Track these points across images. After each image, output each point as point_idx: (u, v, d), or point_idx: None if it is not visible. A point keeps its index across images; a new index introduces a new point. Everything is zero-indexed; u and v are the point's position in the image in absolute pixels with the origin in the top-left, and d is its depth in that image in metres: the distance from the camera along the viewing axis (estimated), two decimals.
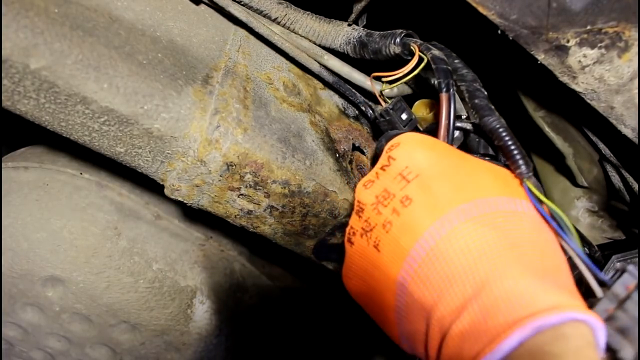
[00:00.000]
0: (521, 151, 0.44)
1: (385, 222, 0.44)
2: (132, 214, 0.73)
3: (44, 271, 0.69)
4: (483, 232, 0.39)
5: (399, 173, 0.46)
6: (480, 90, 0.51)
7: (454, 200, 0.41)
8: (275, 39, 0.63)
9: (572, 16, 0.45)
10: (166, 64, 0.52)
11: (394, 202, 0.44)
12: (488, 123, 0.47)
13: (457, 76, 0.53)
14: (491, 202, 0.41)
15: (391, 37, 0.59)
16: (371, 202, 0.47)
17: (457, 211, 0.40)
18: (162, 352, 0.79)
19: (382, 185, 0.47)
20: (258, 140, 0.53)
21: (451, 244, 0.39)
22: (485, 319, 0.35)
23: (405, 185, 0.44)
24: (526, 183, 0.43)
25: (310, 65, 0.66)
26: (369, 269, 0.47)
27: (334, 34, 0.65)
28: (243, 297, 0.83)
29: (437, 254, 0.39)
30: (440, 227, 0.40)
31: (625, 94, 0.48)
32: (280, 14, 0.63)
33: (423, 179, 0.44)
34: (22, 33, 0.43)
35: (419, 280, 0.40)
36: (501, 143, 0.45)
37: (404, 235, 0.42)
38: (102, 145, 0.51)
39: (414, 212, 0.42)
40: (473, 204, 0.40)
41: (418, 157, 0.46)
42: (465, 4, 0.46)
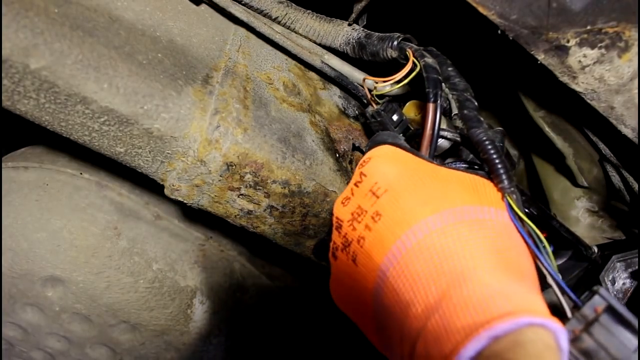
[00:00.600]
0: (505, 165, 0.45)
1: (359, 237, 0.47)
2: (132, 214, 0.73)
3: (44, 271, 0.68)
4: (446, 242, 0.40)
5: (369, 189, 0.48)
6: (471, 100, 0.51)
7: (420, 213, 0.42)
8: (277, 37, 0.63)
9: (572, 16, 0.44)
10: (166, 64, 0.52)
11: (366, 218, 0.46)
12: (475, 135, 0.47)
13: (449, 85, 0.53)
14: (457, 212, 0.42)
15: (389, 41, 0.59)
16: (347, 219, 0.49)
17: (423, 223, 0.42)
18: (162, 352, 0.79)
19: (356, 202, 0.49)
20: (258, 140, 0.53)
21: (416, 255, 0.41)
22: (447, 325, 0.36)
23: (375, 201, 0.46)
24: (507, 199, 0.44)
25: (313, 61, 0.66)
26: (350, 281, 0.49)
27: (334, 34, 0.65)
28: (243, 297, 0.83)
29: (403, 265, 0.41)
30: (407, 240, 0.42)
31: (625, 94, 0.48)
32: (281, 14, 0.63)
33: (391, 194, 0.45)
34: (22, 33, 0.43)
35: (389, 291, 0.42)
36: (486, 156, 0.46)
37: (375, 249, 0.44)
38: (102, 145, 0.51)
39: (383, 226, 0.44)
40: (439, 215, 0.42)
41: (387, 171, 0.48)
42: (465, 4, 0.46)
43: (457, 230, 0.41)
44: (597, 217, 0.73)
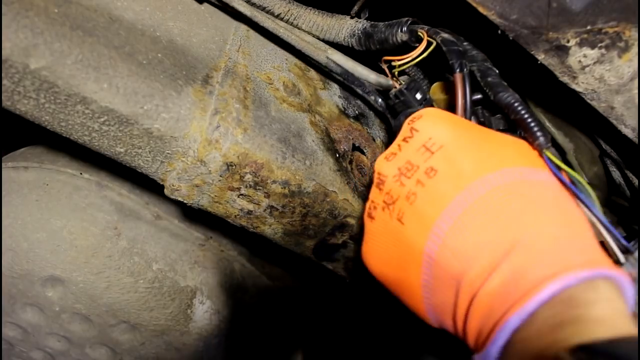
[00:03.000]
0: (538, 123, 0.44)
1: (409, 193, 0.44)
2: (132, 214, 0.73)
3: (44, 271, 0.68)
4: (510, 199, 0.39)
5: (422, 145, 0.45)
6: (492, 68, 0.51)
7: (479, 170, 0.41)
8: (281, 32, 0.63)
9: (572, 16, 0.44)
10: (166, 64, 0.52)
11: (417, 174, 0.44)
12: (503, 99, 0.47)
13: (467, 58, 0.52)
14: (516, 172, 0.41)
15: (397, 25, 0.58)
16: (393, 174, 0.46)
17: (483, 180, 0.40)
18: (162, 352, 0.79)
19: (404, 157, 0.46)
20: (258, 140, 0.53)
21: (478, 211, 0.39)
22: (515, 278, 0.35)
23: (429, 156, 0.44)
24: (546, 153, 0.43)
25: (317, 57, 0.65)
26: (393, 243, 0.46)
27: (337, 28, 0.65)
28: (243, 297, 0.83)
29: (464, 222, 0.39)
30: (467, 196, 0.40)
31: (625, 94, 0.48)
32: (283, 10, 0.63)
33: (447, 150, 0.43)
34: (22, 33, 0.43)
35: (446, 249, 0.40)
36: (518, 116, 0.45)
37: (429, 206, 0.42)
38: (102, 145, 0.51)
39: (439, 182, 0.42)
40: (499, 173, 0.40)
41: (441, 129, 0.45)
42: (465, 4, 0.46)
43: (520, 189, 0.40)
44: None
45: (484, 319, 0.37)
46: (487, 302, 0.37)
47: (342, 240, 0.63)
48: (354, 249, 0.65)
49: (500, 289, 0.36)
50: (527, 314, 0.34)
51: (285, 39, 0.63)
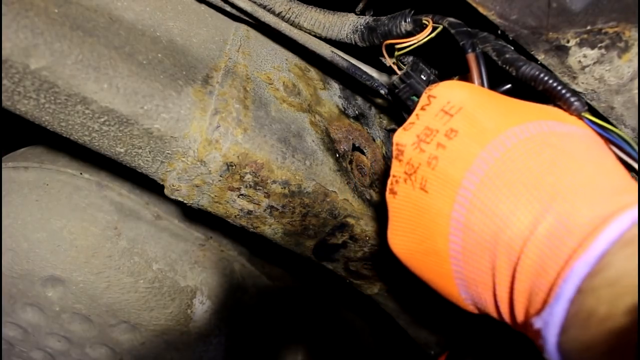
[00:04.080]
0: (569, 88, 0.42)
1: (429, 158, 0.40)
2: (132, 214, 0.73)
3: (44, 271, 0.69)
4: (540, 149, 0.36)
5: (440, 109, 0.42)
6: (507, 46, 0.49)
7: (503, 125, 0.38)
8: (283, 27, 0.62)
9: (572, 16, 0.44)
10: (166, 64, 0.52)
11: (437, 137, 0.41)
12: (527, 72, 0.45)
13: (480, 39, 0.51)
14: (542, 124, 0.38)
15: (401, 16, 0.57)
16: (412, 142, 0.43)
17: (508, 134, 0.37)
18: (162, 352, 0.79)
19: (423, 124, 0.43)
20: (258, 141, 0.53)
21: (506, 165, 0.36)
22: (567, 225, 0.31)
23: (448, 119, 0.41)
24: (585, 116, 0.41)
25: (322, 50, 0.65)
26: (417, 215, 0.42)
27: (339, 24, 0.65)
28: (243, 297, 0.83)
29: (492, 178, 0.36)
30: (493, 151, 0.37)
31: (625, 94, 0.48)
32: (285, 8, 0.63)
33: (467, 111, 0.40)
34: (22, 33, 0.43)
35: (476, 209, 0.36)
36: (546, 86, 0.43)
37: (452, 168, 0.38)
38: (102, 145, 0.51)
39: (461, 142, 0.39)
40: (524, 126, 0.38)
41: (460, 92, 0.43)
42: (465, 4, 0.46)
43: (549, 139, 0.37)
44: None
45: (535, 278, 0.32)
46: (536, 257, 0.32)
47: (342, 240, 0.63)
48: (354, 249, 0.65)
49: (551, 240, 0.31)
50: (596, 257, 0.29)
51: (288, 34, 0.63)
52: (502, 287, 0.36)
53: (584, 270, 0.29)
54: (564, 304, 0.29)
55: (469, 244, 0.38)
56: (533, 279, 0.32)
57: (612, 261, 0.28)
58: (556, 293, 0.30)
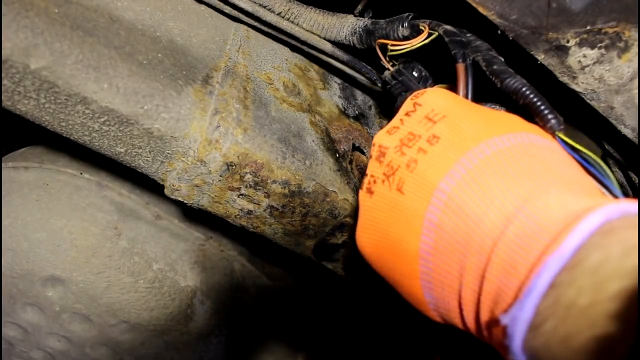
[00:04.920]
0: (548, 105, 0.43)
1: (409, 161, 0.41)
2: (132, 214, 0.73)
3: (44, 271, 0.69)
4: (518, 158, 0.37)
5: (424, 116, 0.43)
6: (497, 57, 0.50)
7: (485, 134, 0.39)
8: (284, 25, 0.63)
9: (572, 16, 0.45)
10: (166, 64, 0.52)
11: (419, 142, 0.42)
12: (510, 85, 0.46)
13: (471, 48, 0.52)
14: (524, 136, 0.39)
15: (399, 21, 0.58)
16: (394, 145, 0.44)
17: (489, 142, 0.38)
18: (162, 352, 0.79)
19: (406, 129, 0.44)
20: (258, 140, 0.53)
21: (484, 170, 0.37)
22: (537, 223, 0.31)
23: (431, 126, 0.42)
24: (558, 135, 0.42)
25: (323, 46, 0.65)
26: (391, 215, 0.43)
27: (338, 26, 0.65)
28: (243, 297, 0.83)
29: (468, 181, 0.37)
30: (472, 157, 0.38)
31: (625, 94, 0.48)
32: (284, 9, 0.63)
33: (450, 119, 0.41)
34: (23, 33, 0.43)
35: (449, 211, 0.37)
36: (527, 101, 0.44)
37: (431, 170, 0.39)
38: (102, 145, 0.51)
39: (442, 147, 0.40)
40: (505, 137, 0.39)
41: (445, 101, 0.44)
42: (465, 4, 0.46)
43: (527, 150, 0.38)
44: None
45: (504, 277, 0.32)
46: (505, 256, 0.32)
47: (342, 240, 0.63)
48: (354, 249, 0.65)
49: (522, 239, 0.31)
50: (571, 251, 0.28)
51: (290, 31, 0.63)
52: (468, 289, 0.35)
53: (558, 265, 0.28)
54: (535, 299, 0.28)
55: (440, 245, 0.38)
56: (502, 279, 0.32)
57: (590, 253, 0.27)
58: (527, 288, 0.29)
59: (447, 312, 0.40)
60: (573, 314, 0.26)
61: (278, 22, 0.62)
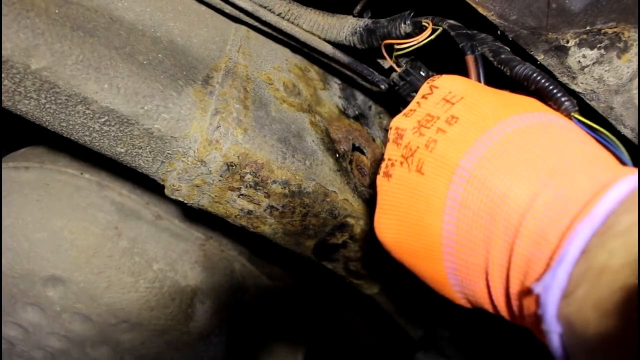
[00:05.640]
0: (560, 88, 0.43)
1: (428, 141, 0.41)
2: (133, 214, 0.73)
3: (45, 271, 0.69)
4: (539, 135, 0.37)
5: (442, 98, 0.43)
6: (503, 47, 0.50)
7: (503, 113, 0.39)
8: (284, 25, 0.62)
9: (572, 17, 0.45)
10: (166, 64, 0.53)
11: (438, 123, 0.41)
12: (520, 72, 0.46)
13: (478, 41, 0.52)
14: (542, 115, 0.39)
15: (400, 18, 0.58)
16: (412, 127, 0.43)
17: (508, 121, 0.38)
18: (162, 351, 0.80)
19: (424, 111, 0.44)
20: (258, 141, 0.53)
21: (505, 147, 0.36)
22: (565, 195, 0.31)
23: (450, 107, 0.42)
24: (575, 117, 0.42)
25: (323, 47, 0.65)
26: (411, 197, 0.42)
27: (338, 26, 0.65)
28: (243, 297, 0.83)
29: (490, 158, 0.36)
30: (492, 135, 0.38)
31: (624, 94, 0.48)
32: (284, 10, 0.63)
33: (468, 100, 0.42)
34: (23, 34, 0.43)
35: (472, 187, 0.37)
36: (539, 86, 0.44)
37: (452, 149, 0.39)
38: (102, 145, 0.52)
39: (461, 127, 0.40)
40: (524, 115, 0.39)
41: (462, 83, 0.44)
42: (465, 5, 0.46)
43: (546, 128, 0.38)
44: None
45: (534, 247, 0.31)
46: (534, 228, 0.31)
47: (342, 240, 0.63)
48: (354, 249, 0.65)
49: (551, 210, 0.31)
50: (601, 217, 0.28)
51: (290, 32, 0.63)
52: (496, 265, 0.35)
53: (589, 231, 0.28)
54: (568, 265, 0.28)
55: (464, 223, 0.37)
56: (532, 250, 0.31)
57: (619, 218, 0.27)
58: (559, 255, 0.29)
59: (473, 293, 0.40)
60: (605, 277, 0.26)
61: (278, 23, 0.62)
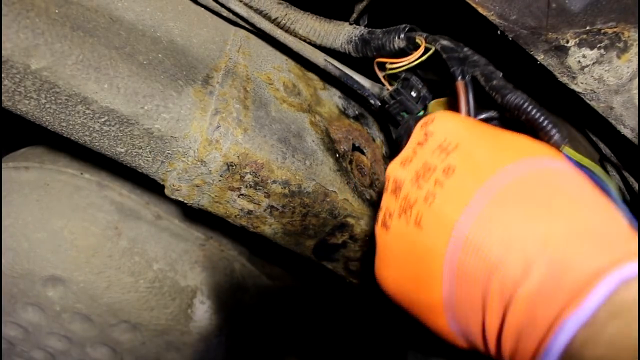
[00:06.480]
0: (551, 120, 0.43)
1: (427, 194, 0.41)
2: (133, 214, 0.73)
3: (45, 271, 0.69)
4: (535, 188, 0.37)
5: (438, 146, 0.43)
6: (495, 72, 0.50)
7: (498, 162, 0.39)
8: (278, 34, 0.63)
9: (572, 17, 0.45)
10: (166, 64, 0.53)
11: (435, 174, 0.42)
12: (511, 100, 0.46)
13: (469, 63, 0.52)
14: (537, 161, 0.39)
15: (395, 32, 0.58)
16: (410, 178, 0.44)
17: (504, 172, 0.38)
18: (162, 351, 0.80)
19: (420, 160, 0.44)
20: (258, 141, 0.53)
21: (501, 205, 0.37)
22: (559, 273, 0.32)
23: (445, 156, 0.42)
24: (564, 150, 0.42)
25: (316, 59, 0.65)
26: (410, 251, 0.43)
27: (335, 34, 0.65)
28: (243, 297, 0.83)
29: (487, 218, 0.37)
30: (488, 189, 0.38)
31: (624, 94, 0.48)
32: (281, 14, 0.63)
33: (463, 147, 0.42)
34: (23, 34, 0.43)
35: (470, 249, 0.37)
36: (529, 117, 0.44)
37: (449, 206, 0.39)
38: (102, 145, 0.52)
39: (457, 180, 0.40)
40: (519, 163, 0.38)
41: (456, 127, 0.44)
42: (465, 5, 0.46)
43: (543, 178, 0.38)
44: None
45: (524, 327, 0.33)
46: (527, 307, 0.33)
47: (342, 240, 0.63)
48: (354, 249, 0.65)
49: (541, 291, 0.32)
50: (588, 312, 0.29)
51: (282, 41, 0.63)
52: (490, 332, 0.36)
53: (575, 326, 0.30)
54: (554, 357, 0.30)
55: (462, 282, 0.38)
56: (521, 330, 0.33)
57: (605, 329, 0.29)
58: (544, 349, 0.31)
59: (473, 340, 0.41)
60: None
61: (272, 31, 0.62)
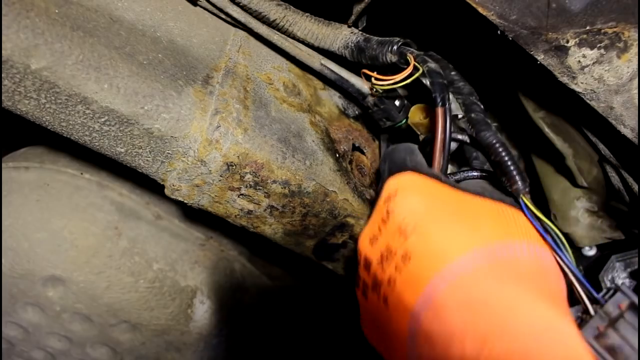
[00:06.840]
0: (517, 167, 0.45)
1: (389, 279, 0.45)
2: (133, 214, 0.73)
3: (45, 271, 0.69)
4: (481, 285, 0.39)
5: (397, 227, 0.47)
6: (477, 104, 0.52)
7: (451, 253, 0.42)
8: (275, 39, 0.63)
9: (572, 17, 0.45)
10: (166, 64, 0.53)
11: (395, 259, 0.45)
12: (485, 138, 0.47)
13: (454, 89, 0.53)
14: (489, 252, 0.41)
15: (388, 45, 0.59)
16: (376, 259, 0.48)
17: (455, 265, 0.41)
18: (162, 351, 0.80)
19: (384, 241, 0.48)
20: (258, 141, 0.53)
21: (450, 299, 0.40)
22: None
23: (404, 241, 0.45)
24: (522, 199, 0.44)
25: (312, 63, 0.65)
26: (381, 321, 0.48)
27: (332, 37, 0.65)
28: (243, 297, 0.83)
29: (437, 310, 0.40)
30: (439, 283, 0.41)
31: (624, 94, 0.48)
32: (279, 16, 0.63)
33: (420, 231, 0.44)
34: (23, 34, 0.43)
35: (423, 337, 0.41)
36: (498, 158, 0.46)
37: (406, 292, 0.43)
38: (102, 145, 0.52)
39: (413, 268, 0.43)
40: (471, 254, 0.41)
41: (413, 206, 0.47)
42: (465, 5, 0.46)
43: (491, 272, 0.40)
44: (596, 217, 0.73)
45: None
46: None
47: (342, 240, 0.63)
48: (354, 249, 0.65)
49: None
50: None
51: (279, 46, 0.63)
52: None
53: None
54: None
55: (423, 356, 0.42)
56: None
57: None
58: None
59: None
60: None
61: (269, 36, 0.63)
